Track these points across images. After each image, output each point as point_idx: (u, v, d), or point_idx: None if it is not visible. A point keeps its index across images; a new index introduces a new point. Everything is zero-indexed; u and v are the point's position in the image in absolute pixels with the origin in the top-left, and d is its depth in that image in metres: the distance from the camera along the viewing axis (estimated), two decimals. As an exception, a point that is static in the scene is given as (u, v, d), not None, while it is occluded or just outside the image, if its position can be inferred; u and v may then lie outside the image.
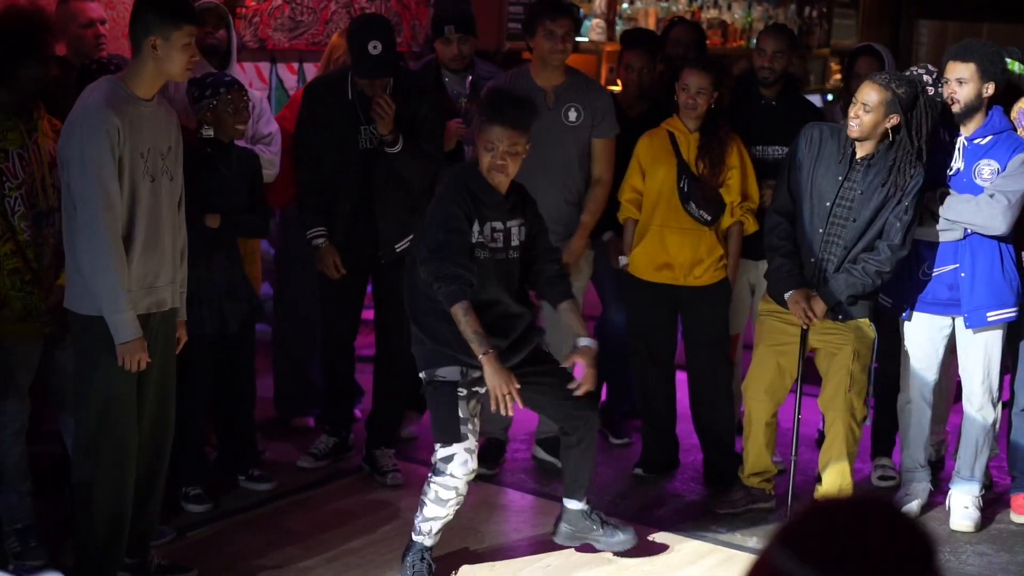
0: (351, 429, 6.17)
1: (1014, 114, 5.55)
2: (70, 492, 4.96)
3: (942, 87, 5.46)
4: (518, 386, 4.66)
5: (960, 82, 5.37)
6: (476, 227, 4.74)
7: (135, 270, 4.45)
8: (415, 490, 5.71)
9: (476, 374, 4.76)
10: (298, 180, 5.86)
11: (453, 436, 4.77)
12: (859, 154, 5.27)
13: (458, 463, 4.77)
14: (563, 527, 5.15)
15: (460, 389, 4.77)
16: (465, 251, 4.67)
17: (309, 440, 6.14)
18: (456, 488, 4.80)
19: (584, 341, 4.90)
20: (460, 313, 4.61)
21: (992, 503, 5.77)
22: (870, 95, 5.16)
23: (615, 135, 5.92)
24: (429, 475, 4.84)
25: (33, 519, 4.94)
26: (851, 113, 5.21)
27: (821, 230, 5.32)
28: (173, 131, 4.62)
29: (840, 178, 5.27)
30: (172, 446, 4.88)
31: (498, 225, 4.79)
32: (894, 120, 5.17)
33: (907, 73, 5.59)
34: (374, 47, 5.46)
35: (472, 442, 4.79)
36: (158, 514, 4.91)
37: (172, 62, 4.42)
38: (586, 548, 5.19)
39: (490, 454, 6.03)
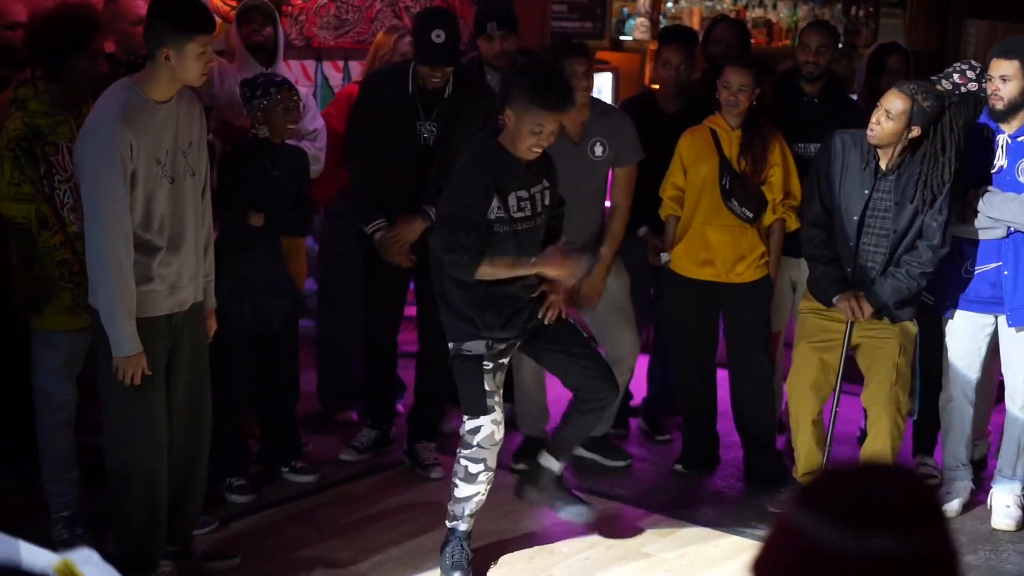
0: (392, 423, 6.22)
1: None
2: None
3: (986, 83, 5.44)
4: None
5: (1004, 79, 5.35)
6: (497, 201, 4.71)
7: (157, 273, 4.49)
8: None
9: (501, 346, 4.84)
10: (351, 173, 5.87)
11: (480, 409, 4.83)
12: (883, 163, 5.26)
13: (484, 434, 4.83)
14: (529, 489, 5.21)
15: (486, 363, 4.81)
16: (476, 225, 4.65)
17: (352, 434, 6.20)
18: (484, 461, 4.85)
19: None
20: (486, 269, 4.66)
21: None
22: (895, 103, 5.14)
23: (638, 160, 5.90)
24: (457, 451, 4.90)
25: (80, 507, 5.02)
26: (873, 118, 5.20)
27: (853, 242, 5.32)
28: (195, 124, 4.62)
29: (867, 191, 5.28)
30: (214, 438, 4.94)
31: (523, 194, 4.77)
32: (915, 132, 5.15)
33: (940, 76, 5.57)
34: (437, 35, 5.50)
35: (499, 414, 4.86)
36: (200, 503, 4.98)
37: (186, 70, 4.41)
38: (625, 542, 5.21)
39: (529, 452, 6.06)
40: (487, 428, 4.84)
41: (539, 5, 8.17)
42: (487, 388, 4.83)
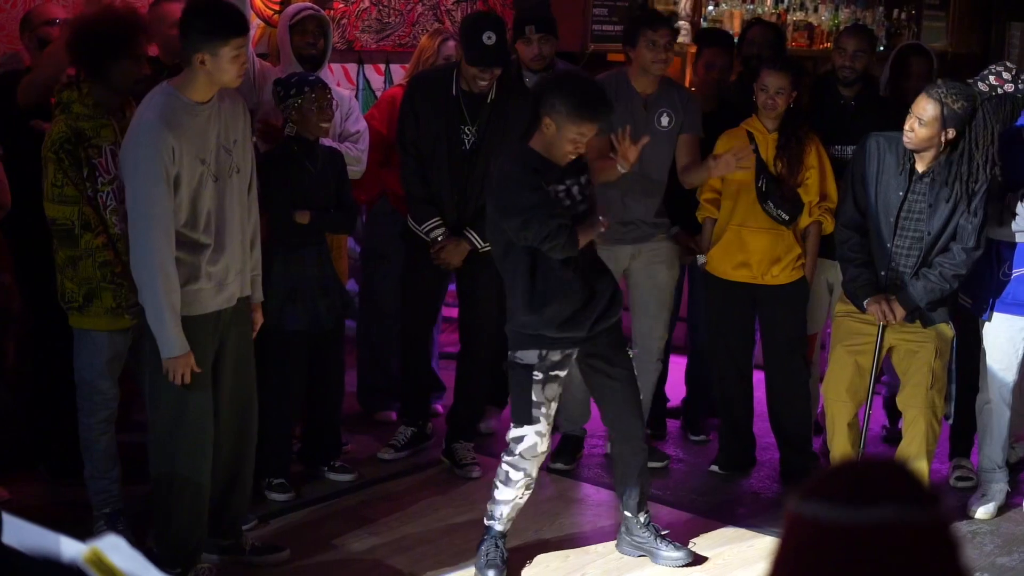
0: (428, 419, 6.29)
1: None
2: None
3: (1023, 84, 5.44)
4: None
5: None
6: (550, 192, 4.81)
7: (201, 271, 4.56)
8: (492, 483, 5.82)
9: (555, 357, 4.84)
10: (403, 172, 5.91)
11: (525, 418, 4.86)
12: (919, 167, 5.27)
13: (526, 445, 4.87)
14: (624, 542, 5.21)
15: (536, 373, 4.83)
16: (550, 203, 4.71)
17: (391, 433, 6.25)
18: (525, 470, 4.89)
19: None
20: (580, 239, 4.73)
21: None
22: (925, 108, 5.13)
23: (699, 133, 5.95)
24: (502, 454, 4.95)
25: (121, 505, 5.09)
26: (906, 125, 5.20)
27: (889, 244, 5.34)
28: (239, 122, 4.69)
29: (901, 193, 5.29)
30: (260, 436, 5.01)
31: (559, 187, 4.81)
32: (951, 134, 5.15)
33: (977, 79, 5.56)
34: (488, 37, 5.55)
35: (544, 426, 4.87)
36: (248, 498, 5.05)
37: (223, 73, 4.46)
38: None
39: (567, 449, 6.12)
40: (530, 439, 4.87)
41: (579, 9, 8.21)
42: (534, 398, 4.85)
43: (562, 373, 4.90)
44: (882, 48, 10.23)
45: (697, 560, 5.16)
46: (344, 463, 5.91)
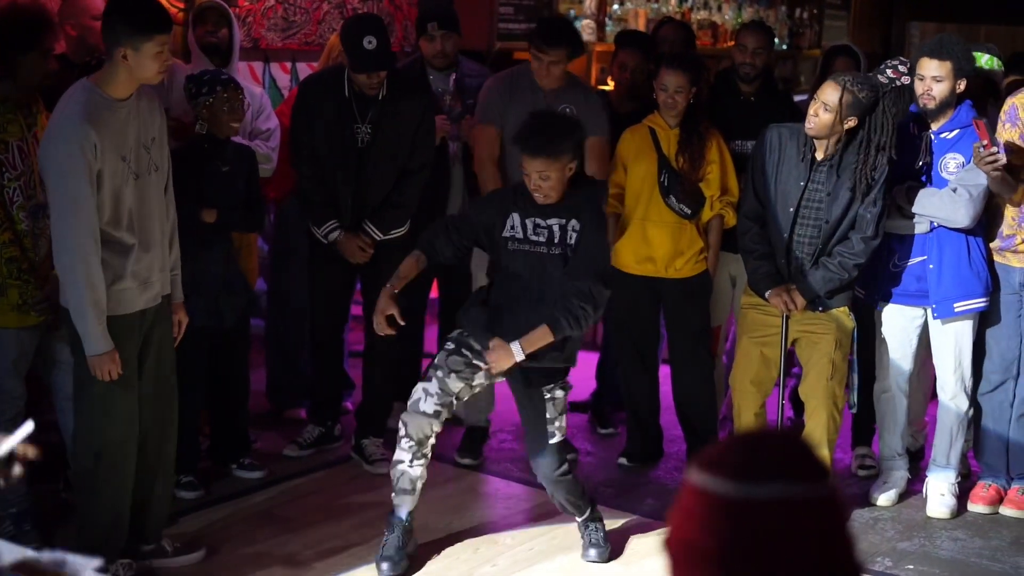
0: (338, 419, 6.29)
1: (1003, 113, 5.62)
2: (66, 481, 5.10)
3: (915, 82, 5.56)
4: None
5: (936, 80, 5.46)
6: (516, 219, 4.89)
7: (125, 269, 4.55)
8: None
9: (475, 346, 4.93)
10: (299, 176, 5.93)
11: (423, 376, 5.05)
12: (819, 155, 5.38)
13: (412, 399, 4.93)
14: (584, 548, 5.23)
15: (449, 343, 5.01)
16: (452, 228, 4.98)
17: (300, 431, 6.26)
18: (405, 426, 4.90)
19: (514, 345, 4.84)
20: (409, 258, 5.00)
21: (968, 490, 5.87)
22: (830, 95, 5.25)
23: (606, 136, 6.01)
24: None
25: (28, 504, 5.06)
26: (811, 110, 5.31)
27: (787, 234, 5.44)
28: (156, 120, 4.69)
29: (802, 182, 5.39)
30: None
31: (540, 221, 4.87)
32: (851, 123, 5.27)
33: (875, 72, 5.68)
34: (368, 42, 5.57)
35: (433, 385, 4.91)
36: (169, 499, 5.05)
37: (144, 69, 4.46)
38: (570, 532, 5.30)
39: (472, 444, 6.16)
40: (416, 392, 4.93)
41: (485, 7, 8.25)
42: (435, 360, 4.97)
43: (475, 362, 4.94)
44: (784, 47, 10.41)
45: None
46: (253, 460, 5.91)
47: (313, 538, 5.27)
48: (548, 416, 4.96)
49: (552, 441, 4.97)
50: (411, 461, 4.93)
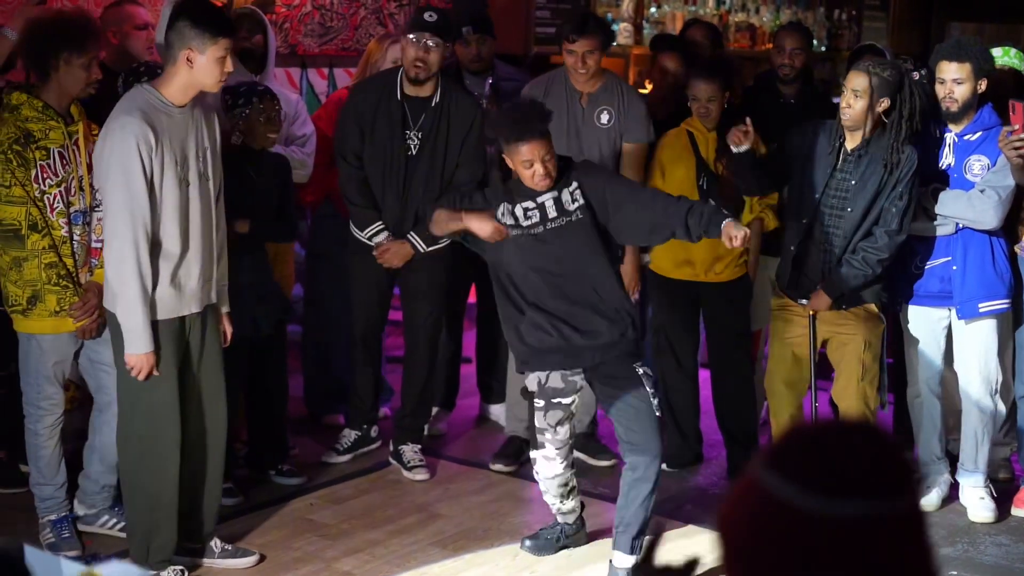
0: (375, 422, 6.26)
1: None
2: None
3: (925, 77, 5.52)
4: (502, 223, 4.83)
5: (957, 82, 5.40)
6: (507, 207, 4.84)
7: (167, 275, 4.58)
8: (440, 484, 5.85)
9: (557, 384, 4.90)
10: (341, 176, 5.90)
11: (533, 443, 5.05)
12: (849, 145, 5.34)
13: (537, 467, 5.05)
14: None
15: (537, 400, 4.93)
16: (467, 194, 5.05)
17: (338, 437, 6.24)
18: (547, 489, 5.10)
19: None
20: (439, 221, 5.01)
21: (1012, 494, 5.80)
22: (857, 81, 5.23)
23: (646, 141, 5.96)
24: None
25: (67, 511, 5.09)
26: (843, 103, 5.28)
27: (806, 220, 5.39)
28: (210, 131, 4.73)
29: (829, 170, 5.36)
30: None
31: (529, 204, 4.84)
32: (885, 104, 5.24)
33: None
34: (430, 16, 5.61)
35: (551, 450, 4.97)
36: (218, 504, 5.06)
37: (206, 74, 4.53)
38: (609, 539, 5.26)
39: (509, 451, 6.13)
40: (539, 463, 5.03)
41: (522, 11, 8.24)
42: (537, 424, 4.97)
43: (566, 400, 4.92)
44: (824, 48, 10.34)
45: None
46: (291, 467, 5.91)
47: (352, 545, 5.25)
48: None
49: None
50: (563, 501, 5.15)
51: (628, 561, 4.91)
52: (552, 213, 4.82)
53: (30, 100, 4.86)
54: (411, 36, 5.64)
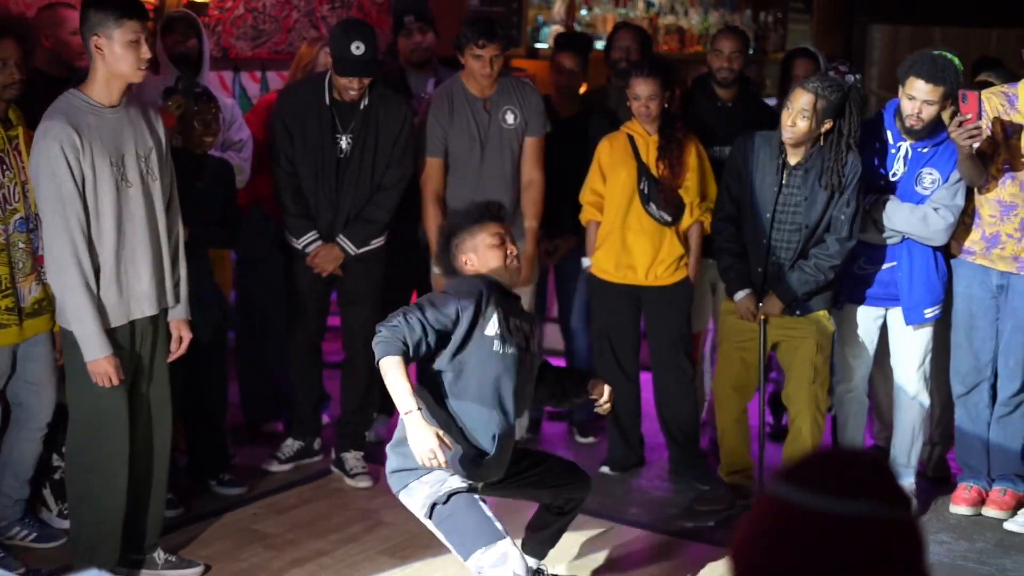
0: (318, 434, 6.20)
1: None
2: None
3: (859, 81, 5.57)
4: (444, 440, 4.08)
5: (927, 103, 5.37)
6: (499, 318, 4.28)
7: (111, 279, 4.51)
8: (384, 490, 5.78)
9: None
10: (276, 185, 5.86)
11: (491, 536, 4.15)
12: (791, 160, 5.38)
13: (512, 562, 4.13)
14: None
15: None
16: (426, 324, 4.13)
17: (278, 445, 6.19)
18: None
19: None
20: (391, 365, 4.04)
21: (947, 492, 5.88)
22: (805, 102, 5.24)
23: (544, 134, 6.02)
24: None
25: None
26: (787, 121, 5.29)
27: (764, 240, 5.44)
28: (153, 133, 4.64)
29: (775, 188, 5.39)
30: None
31: (516, 321, 4.38)
32: (828, 125, 5.29)
33: (830, 74, 5.65)
34: (357, 47, 5.53)
35: (509, 540, 4.18)
36: (162, 513, 5.01)
37: (119, 60, 4.39)
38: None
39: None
40: (512, 552, 4.16)
41: (455, 16, 8.20)
42: (488, 514, 4.21)
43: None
44: (751, 51, 10.42)
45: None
46: (232, 476, 5.84)
47: (299, 555, 5.20)
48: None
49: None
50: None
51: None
52: (526, 343, 4.43)
53: None
54: (342, 80, 5.59)
